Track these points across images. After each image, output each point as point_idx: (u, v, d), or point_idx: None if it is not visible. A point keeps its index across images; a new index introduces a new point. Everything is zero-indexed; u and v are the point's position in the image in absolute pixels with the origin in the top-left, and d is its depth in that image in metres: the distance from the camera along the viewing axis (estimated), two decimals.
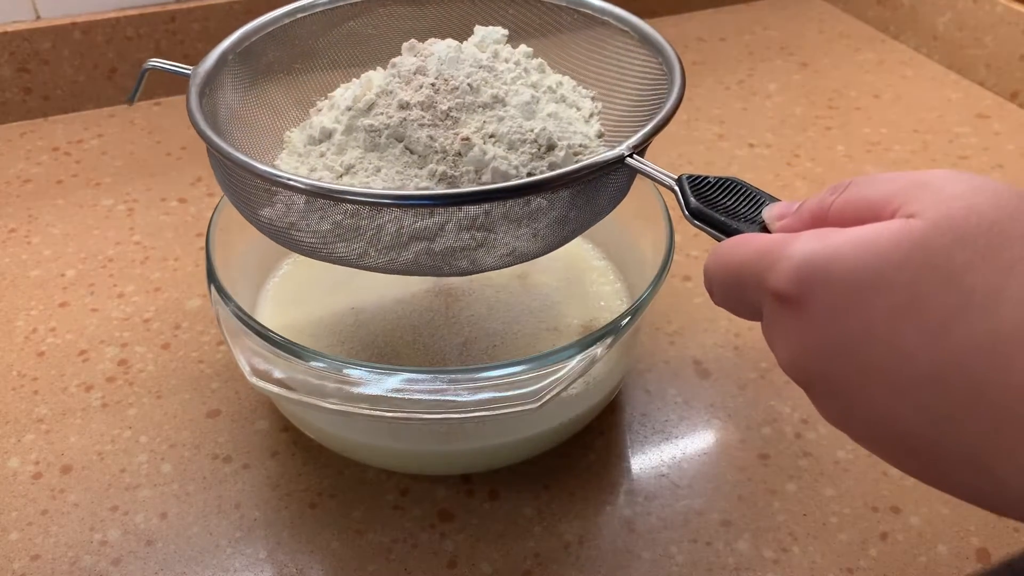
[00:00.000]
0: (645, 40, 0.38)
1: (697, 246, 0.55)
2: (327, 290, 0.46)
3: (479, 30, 0.39)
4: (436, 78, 0.35)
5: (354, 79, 0.39)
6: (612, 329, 0.36)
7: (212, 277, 0.38)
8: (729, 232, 0.28)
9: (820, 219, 0.26)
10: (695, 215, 0.29)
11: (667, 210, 0.42)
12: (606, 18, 0.40)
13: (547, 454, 0.41)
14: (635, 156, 0.31)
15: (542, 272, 0.47)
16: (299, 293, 0.46)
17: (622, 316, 0.36)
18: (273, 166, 0.32)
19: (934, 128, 0.68)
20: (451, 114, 0.34)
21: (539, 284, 0.46)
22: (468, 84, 0.35)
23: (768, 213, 0.28)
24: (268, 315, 0.44)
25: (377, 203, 0.30)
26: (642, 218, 0.44)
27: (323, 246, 0.33)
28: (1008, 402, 0.21)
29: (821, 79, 0.74)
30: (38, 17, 0.64)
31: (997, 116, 0.69)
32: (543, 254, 0.34)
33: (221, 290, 0.37)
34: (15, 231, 0.56)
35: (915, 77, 0.75)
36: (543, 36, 0.41)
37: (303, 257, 0.48)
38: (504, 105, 0.35)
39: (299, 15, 0.40)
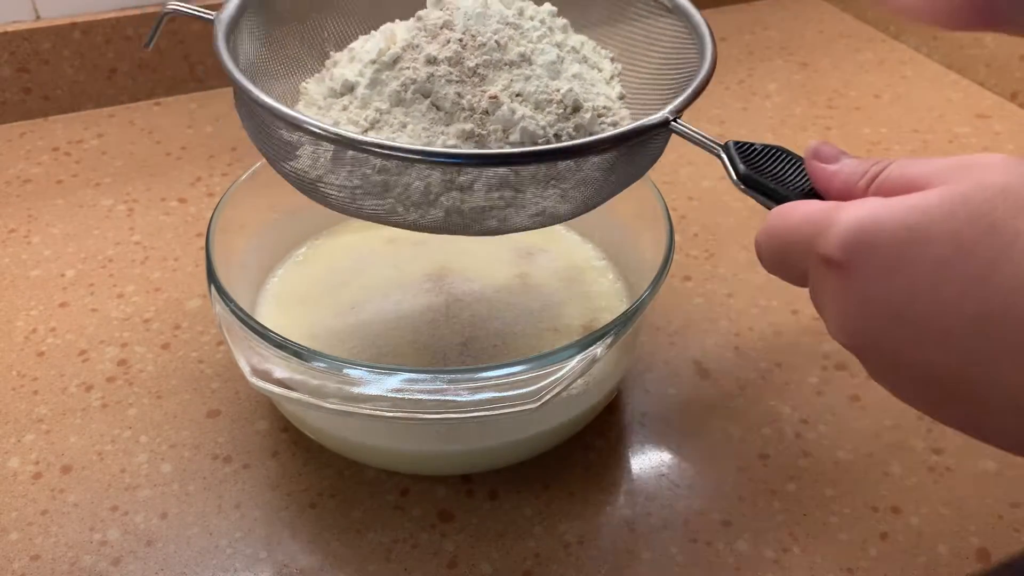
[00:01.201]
0: (674, 6, 0.38)
1: (697, 246, 0.55)
2: (327, 290, 0.46)
3: None
4: (464, 33, 0.34)
5: (373, 31, 0.38)
6: (612, 329, 0.36)
7: (212, 277, 0.38)
8: (778, 199, 0.29)
9: (860, 187, 0.27)
10: (744, 181, 0.30)
11: (667, 210, 0.42)
12: None
13: (547, 454, 0.41)
14: (679, 120, 0.32)
15: (542, 272, 0.47)
16: (299, 293, 0.46)
17: (622, 316, 0.36)
18: (304, 115, 0.32)
19: (934, 128, 0.68)
20: (478, 71, 0.34)
21: (539, 284, 0.46)
22: (496, 41, 0.34)
23: (808, 150, 0.29)
24: (268, 315, 0.44)
25: (422, 160, 0.30)
26: (642, 218, 0.44)
27: (351, 201, 0.33)
28: None
29: (821, 79, 0.74)
30: (38, 17, 0.64)
31: (997, 116, 0.69)
32: (573, 217, 0.35)
33: (221, 290, 0.37)
34: (15, 231, 0.56)
35: (915, 77, 0.75)
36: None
37: (303, 257, 0.48)
38: (531, 64, 0.35)
39: None
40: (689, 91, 0.33)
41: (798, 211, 0.27)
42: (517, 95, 0.34)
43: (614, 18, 0.40)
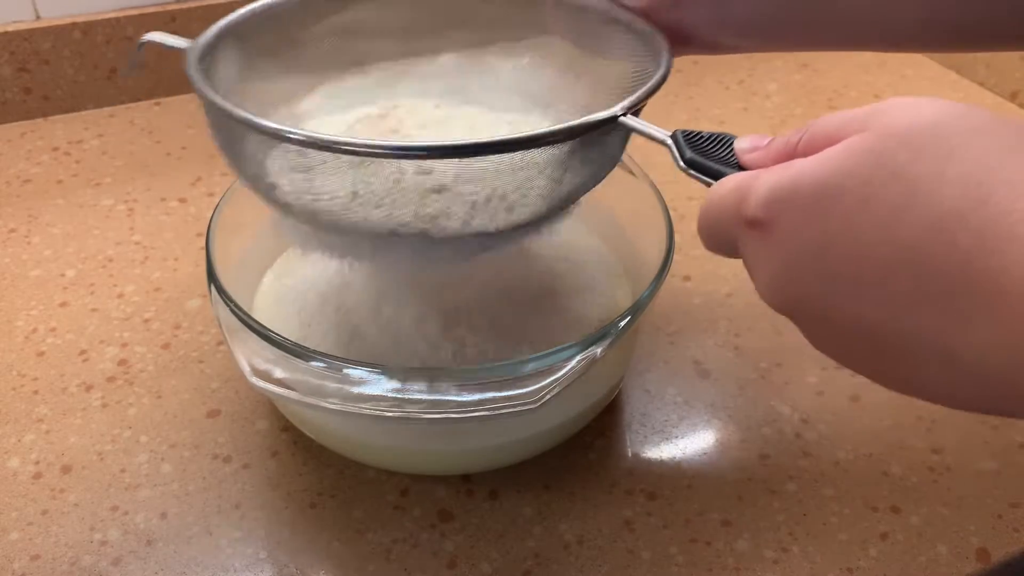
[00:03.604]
0: (630, 29, 0.38)
1: (697, 246, 0.55)
2: (322, 287, 0.45)
3: None
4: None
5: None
6: (612, 329, 0.36)
7: (212, 277, 0.38)
8: (719, 177, 0.29)
9: (788, 156, 0.27)
10: (690, 165, 0.30)
11: (667, 210, 0.42)
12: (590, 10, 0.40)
13: (547, 454, 0.41)
14: (629, 115, 0.32)
15: (542, 271, 0.47)
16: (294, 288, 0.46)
17: (622, 316, 0.36)
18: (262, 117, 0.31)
19: None
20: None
21: (539, 284, 0.46)
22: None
23: (739, 145, 0.30)
24: (266, 313, 0.44)
25: (360, 153, 0.30)
26: (642, 218, 0.44)
27: (296, 199, 0.33)
28: (957, 276, 0.22)
29: (821, 79, 0.74)
30: (38, 17, 0.64)
31: None
32: (535, 219, 0.35)
33: (221, 290, 0.37)
34: (15, 231, 0.56)
35: (915, 77, 0.75)
36: (533, 28, 0.41)
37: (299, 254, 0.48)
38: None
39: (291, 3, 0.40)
40: (641, 90, 0.33)
41: (729, 183, 0.28)
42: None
43: (581, 40, 0.40)
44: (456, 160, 0.32)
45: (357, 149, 0.30)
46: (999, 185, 0.21)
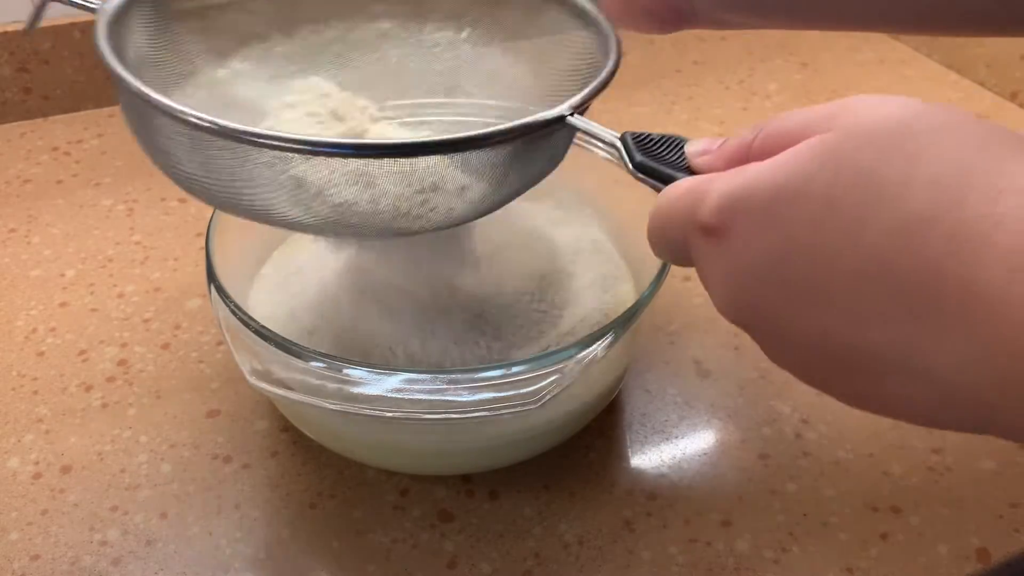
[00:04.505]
0: (580, 15, 0.38)
1: None
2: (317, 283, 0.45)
3: None
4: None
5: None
6: (612, 329, 0.36)
7: (212, 277, 0.38)
8: (670, 181, 0.28)
9: (743, 158, 0.26)
10: (639, 168, 0.29)
11: None
12: None
13: (547, 454, 0.41)
14: (576, 115, 0.31)
15: (542, 271, 0.47)
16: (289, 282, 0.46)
17: (622, 316, 0.36)
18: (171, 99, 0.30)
19: None
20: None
21: (539, 284, 0.46)
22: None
23: (690, 148, 0.28)
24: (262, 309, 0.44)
25: (300, 150, 0.29)
26: (642, 218, 0.43)
27: (233, 196, 0.32)
28: (927, 286, 0.20)
29: (821, 79, 0.74)
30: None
31: (997, 116, 0.69)
32: (479, 216, 0.34)
33: (221, 290, 0.37)
34: (15, 231, 0.56)
35: (915, 77, 0.75)
36: (487, 11, 0.40)
37: (295, 252, 0.48)
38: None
39: None
40: (587, 89, 0.32)
41: (680, 187, 0.26)
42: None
43: (531, 28, 0.40)
44: (391, 160, 0.31)
45: (279, 145, 0.29)
46: (972, 187, 0.20)
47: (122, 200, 0.58)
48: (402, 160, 0.31)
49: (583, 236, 0.49)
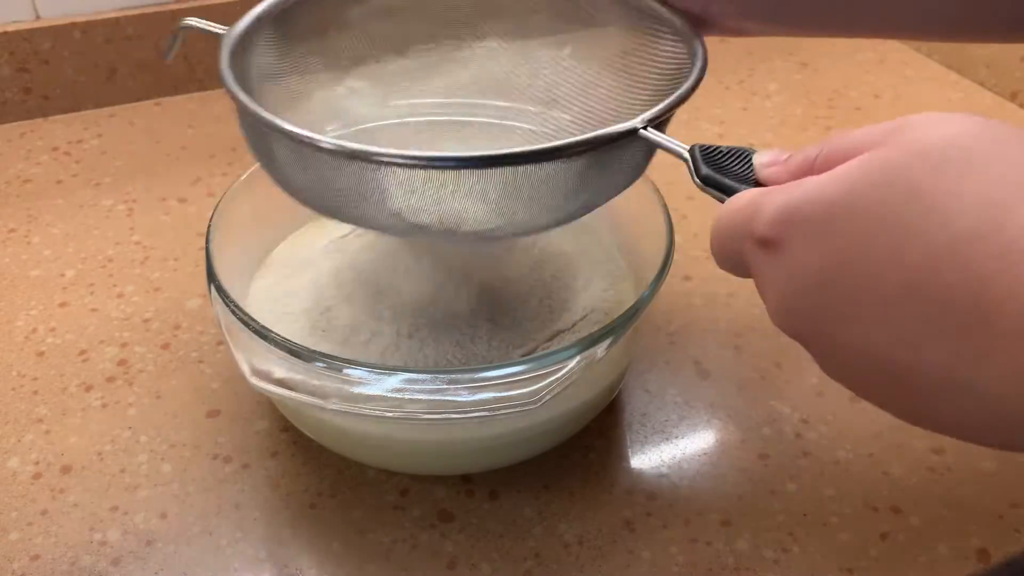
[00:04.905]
0: (667, 25, 0.38)
1: (697, 246, 0.55)
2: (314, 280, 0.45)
3: None
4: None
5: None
6: (612, 329, 0.36)
7: (212, 277, 0.38)
8: (732, 193, 0.29)
9: (807, 172, 0.26)
10: (705, 181, 0.30)
11: (667, 210, 0.42)
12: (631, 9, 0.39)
13: (547, 454, 0.41)
14: (649, 128, 0.32)
15: (542, 271, 0.46)
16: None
17: (622, 316, 0.36)
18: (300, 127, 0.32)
19: None
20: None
21: (539, 283, 0.46)
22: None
23: (758, 160, 0.29)
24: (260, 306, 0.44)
25: (384, 163, 0.30)
26: (642, 218, 0.43)
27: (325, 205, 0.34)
28: (975, 302, 0.20)
29: (821, 79, 0.74)
30: (38, 17, 0.64)
31: (997, 116, 0.69)
32: (552, 227, 0.35)
33: (221, 290, 0.37)
34: (15, 231, 0.56)
35: (915, 77, 0.75)
36: (578, 26, 0.41)
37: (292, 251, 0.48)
38: None
39: None
40: (664, 103, 0.32)
41: (741, 199, 0.27)
42: None
43: (624, 43, 0.40)
44: (474, 171, 0.31)
45: (379, 158, 0.30)
46: (1022, 204, 0.20)
47: (122, 200, 0.58)
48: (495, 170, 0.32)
49: (584, 235, 0.49)
